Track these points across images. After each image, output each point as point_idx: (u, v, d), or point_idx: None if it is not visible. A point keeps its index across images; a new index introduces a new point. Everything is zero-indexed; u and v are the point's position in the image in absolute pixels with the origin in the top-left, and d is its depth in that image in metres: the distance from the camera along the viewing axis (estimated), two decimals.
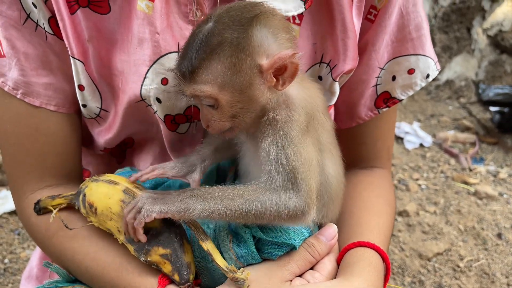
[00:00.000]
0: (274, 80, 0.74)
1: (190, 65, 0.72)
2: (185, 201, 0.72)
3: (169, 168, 0.88)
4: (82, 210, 0.83)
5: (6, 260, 2.09)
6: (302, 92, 0.79)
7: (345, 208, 0.94)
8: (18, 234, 2.27)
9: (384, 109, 1.02)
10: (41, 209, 0.88)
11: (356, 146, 1.08)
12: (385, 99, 1.02)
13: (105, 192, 0.81)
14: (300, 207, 0.75)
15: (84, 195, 0.82)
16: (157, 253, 0.76)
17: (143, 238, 0.74)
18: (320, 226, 0.86)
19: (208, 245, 0.75)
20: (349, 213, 0.95)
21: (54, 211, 0.85)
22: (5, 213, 2.35)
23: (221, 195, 0.73)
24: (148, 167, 0.87)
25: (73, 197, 0.86)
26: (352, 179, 1.04)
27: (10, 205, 2.35)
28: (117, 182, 0.82)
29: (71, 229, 0.83)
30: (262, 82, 0.74)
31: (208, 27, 0.72)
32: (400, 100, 1.02)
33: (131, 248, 0.79)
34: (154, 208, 0.72)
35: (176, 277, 0.76)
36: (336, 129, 1.10)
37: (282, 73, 0.73)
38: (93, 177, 0.85)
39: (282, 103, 0.77)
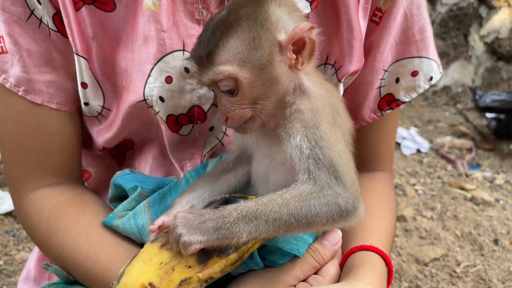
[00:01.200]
0: (294, 56, 0.72)
1: (206, 48, 0.70)
2: (226, 227, 0.64)
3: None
4: None
5: (1, 262, 2.07)
6: (320, 86, 0.78)
7: None
8: (13, 236, 2.24)
9: (388, 111, 1.02)
10: None
11: (358, 149, 1.08)
12: (389, 101, 1.02)
13: (138, 267, 0.70)
14: (351, 201, 0.68)
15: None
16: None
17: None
18: None
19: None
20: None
21: None
22: (0, 214, 2.33)
23: (263, 210, 0.65)
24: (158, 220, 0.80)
25: None
26: None
27: (5, 207, 2.33)
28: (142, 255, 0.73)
29: None
30: (282, 60, 0.72)
31: (223, 12, 0.71)
32: (404, 102, 1.02)
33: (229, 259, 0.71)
34: (192, 239, 0.65)
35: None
36: None
37: (300, 50, 0.72)
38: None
39: (303, 93, 0.75)
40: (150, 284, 0.67)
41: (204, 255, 0.69)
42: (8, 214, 2.34)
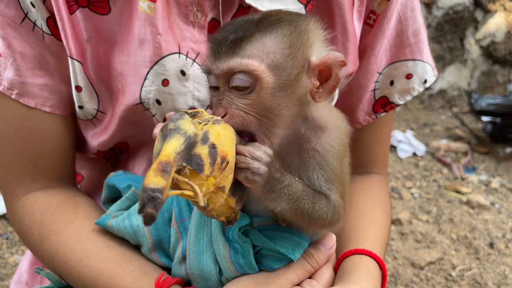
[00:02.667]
0: (318, 84, 0.67)
1: (237, 34, 0.62)
2: (284, 192, 0.65)
3: None
4: (206, 170, 0.58)
5: None
6: (332, 116, 0.75)
7: None
8: (7, 239, 2.23)
9: (382, 114, 1.02)
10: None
11: (353, 152, 1.08)
12: (383, 104, 1.02)
13: (231, 138, 0.61)
14: (343, 213, 0.77)
15: (214, 146, 0.58)
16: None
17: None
18: None
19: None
20: (345, 221, 0.94)
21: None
22: None
23: (305, 198, 0.68)
24: None
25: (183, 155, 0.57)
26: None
27: None
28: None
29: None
30: (306, 82, 0.66)
31: (260, 14, 0.65)
32: (398, 105, 1.02)
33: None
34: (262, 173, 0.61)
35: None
36: None
37: (323, 82, 0.68)
38: (203, 116, 0.62)
39: (317, 127, 0.72)
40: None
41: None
42: (1, 217, 2.32)
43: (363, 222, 0.94)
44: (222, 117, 0.65)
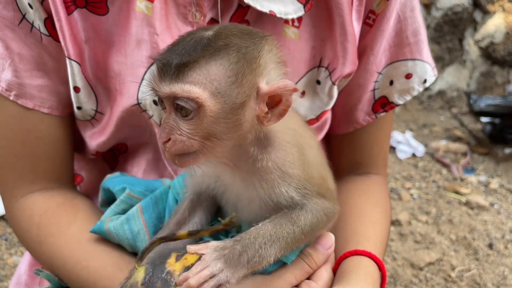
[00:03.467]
0: (266, 110, 0.65)
1: (182, 58, 0.60)
2: (257, 255, 0.67)
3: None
4: None
5: None
6: (286, 122, 0.71)
7: (340, 216, 0.93)
8: (6, 240, 2.23)
9: (382, 114, 1.02)
10: None
11: (352, 152, 1.08)
12: (383, 104, 1.01)
13: None
14: (336, 210, 0.79)
15: None
16: None
17: None
18: None
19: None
20: (344, 222, 0.93)
21: None
22: None
23: (281, 232, 0.70)
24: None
25: None
26: (348, 186, 1.03)
27: None
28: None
29: None
30: (254, 108, 0.64)
31: (212, 32, 0.63)
32: (398, 105, 1.02)
33: None
34: (232, 277, 0.65)
35: None
36: (333, 134, 1.09)
37: (273, 106, 0.65)
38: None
39: (266, 144, 0.70)
40: None
41: None
42: (0, 218, 2.32)
43: (362, 223, 0.94)
44: (165, 142, 0.64)
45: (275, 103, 0.65)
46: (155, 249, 0.74)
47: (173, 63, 0.60)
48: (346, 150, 1.07)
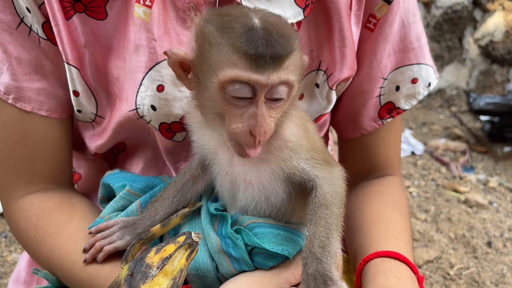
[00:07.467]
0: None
1: (282, 51, 0.63)
2: (329, 254, 0.71)
3: (118, 238, 0.82)
4: None
5: None
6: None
7: (356, 220, 0.93)
8: (5, 237, 2.24)
9: (388, 120, 1.02)
10: None
11: (368, 157, 1.07)
12: (389, 110, 1.01)
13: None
14: (343, 171, 0.80)
15: None
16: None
17: None
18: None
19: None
20: (358, 226, 0.93)
21: None
22: None
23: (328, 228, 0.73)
24: (93, 242, 0.82)
25: None
26: (362, 190, 1.03)
27: None
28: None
29: None
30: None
31: (270, 21, 0.66)
32: (404, 110, 1.02)
33: None
34: (343, 282, 0.69)
35: None
36: (344, 139, 1.09)
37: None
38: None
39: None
40: None
41: None
42: (0, 216, 2.33)
43: (374, 226, 0.92)
44: (264, 133, 0.68)
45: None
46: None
47: (281, 55, 0.64)
48: (361, 155, 1.07)
